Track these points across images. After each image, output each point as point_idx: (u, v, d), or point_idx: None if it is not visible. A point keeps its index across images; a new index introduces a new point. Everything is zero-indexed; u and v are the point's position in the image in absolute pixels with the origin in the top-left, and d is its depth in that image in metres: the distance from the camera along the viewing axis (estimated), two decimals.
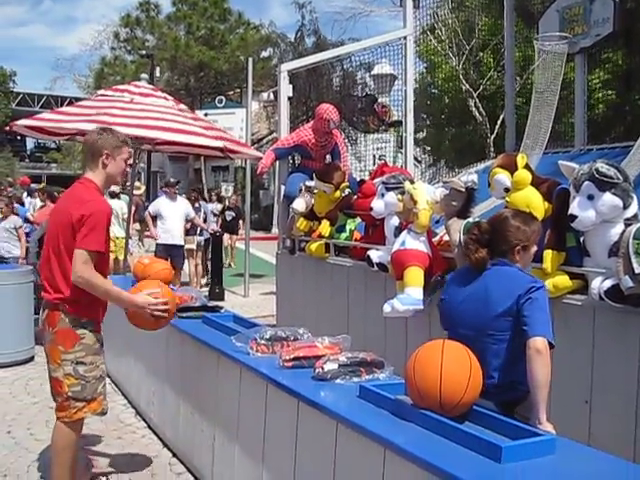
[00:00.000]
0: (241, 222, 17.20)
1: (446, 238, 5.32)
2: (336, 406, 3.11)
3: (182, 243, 11.99)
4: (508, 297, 3.24)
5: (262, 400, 3.76)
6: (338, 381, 3.39)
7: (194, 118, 8.92)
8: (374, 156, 12.93)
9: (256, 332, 4.10)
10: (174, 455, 5.26)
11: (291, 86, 8.69)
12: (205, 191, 21.43)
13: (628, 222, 4.13)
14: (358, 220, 7.03)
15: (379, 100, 10.88)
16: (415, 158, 17.22)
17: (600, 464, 2.54)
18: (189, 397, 4.98)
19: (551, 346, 3.12)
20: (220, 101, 22.99)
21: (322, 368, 3.44)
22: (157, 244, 11.94)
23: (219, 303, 12.54)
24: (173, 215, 11.79)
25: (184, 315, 5.20)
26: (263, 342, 3.98)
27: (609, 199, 4.09)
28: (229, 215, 17.11)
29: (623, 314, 4.06)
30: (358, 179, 7.77)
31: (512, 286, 3.27)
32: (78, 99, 26.41)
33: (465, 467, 2.36)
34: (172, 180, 12.97)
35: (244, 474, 3.99)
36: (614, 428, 4.07)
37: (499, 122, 13.80)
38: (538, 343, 3.08)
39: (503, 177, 4.70)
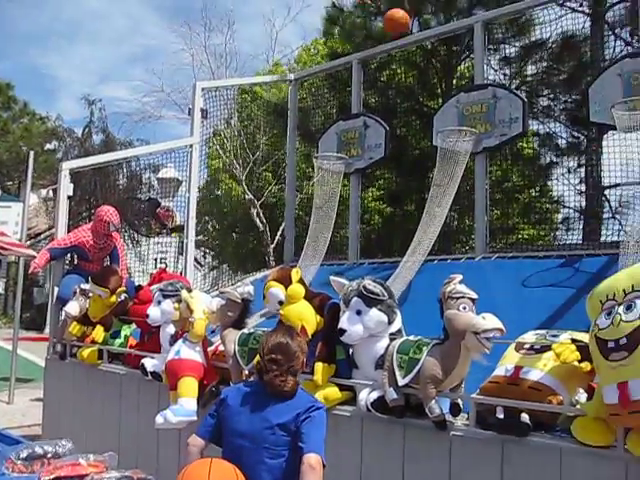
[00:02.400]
0: None
1: (221, 348, 5.32)
2: None
3: None
4: (288, 413, 3.27)
5: None
6: None
7: None
8: (155, 259, 12.77)
9: (12, 450, 3.78)
10: None
11: (72, 185, 8.46)
12: None
13: (393, 337, 4.40)
14: (133, 326, 6.86)
15: (163, 204, 10.89)
16: (197, 261, 17.26)
17: None
18: None
19: (323, 466, 3.18)
20: None
21: None
22: None
23: None
24: None
25: None
26: (20, 461, 3.67)
27: (375, 315, 4.33)
28: None
29: (388, 423, 4.25)
30: (137, 283, 7.61)
31: (293, 403, 3.31)
32: None
33: None
34: None
35: None
36: None
37: (280, 232, 14.25)
38: (312, 459, 3.12)
39: (277, 291, 4.84)
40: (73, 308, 7.11)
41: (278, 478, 3.24)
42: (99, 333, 6.87)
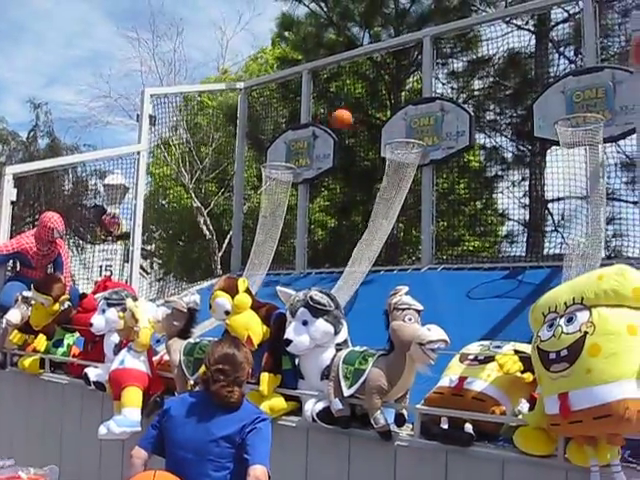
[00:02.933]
0: None
1: (167, 358, 5.26)
2: None
3: None
4: (233, 425, 3.24)
5: None
6: None
7: None
8: (101, 267, 12.56)
9: None
10: None
11: (15, 190, 8.28)
12: None
13: (339, 347, 4.41)
14: (77, 335, 6.73)
15: (109, 210, 10.73)
16: (143, 269, 17.01)
17: None
18: None
19: (269, 477, 3.17)
20: None
21: None
22: None
23: None
24: None
25: None
26: None
27: (322, 325, 4.34)
28: None
29: (334, 434, 4.26)
30: (81, 291, 7.47)
31: (239, 415, 3.29)
32: None
33: None
34: None
35: None
36: None
37: (227, 240, 14.16)
38: (258, 471, 3.11)
39: (224, 300, 4.81)
40: (14, 316, 6.94)
41: None
42: (41, 342, 6.72)
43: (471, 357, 4.21)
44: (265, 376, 4.53)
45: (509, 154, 11.55)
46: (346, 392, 4.12)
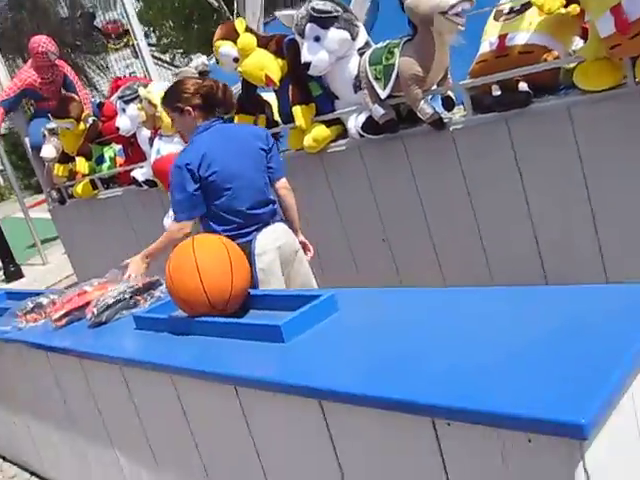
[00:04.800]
0: None
1: None
2: (114, 349, 2.74)
3: None
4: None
5: (48, 370, 3.34)
6: (116, 320, 3.02)
7: None
8: (124, 76, 12.22)
9: (23, 302, 3.63)
10: (4, 459, 4.76)
11: None
12: None
13: (362, 51, 4.00)
14: (114, 146, 6.55)
15: (98, 16, 10.08)
16: (167, 62, 16.51)
17: (389, 300, 2.36)
18: None
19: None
20: None
21: (93, 313, 3.03)
22: None
23: (21, 280, 11.82)
24: None
25: None
26: (29, 314, 3.52)
27: (335, 34, 3.90)
28: None
29: (386, 142, 3.99)
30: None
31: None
32: None
33: (251, 362, 2.13)
34: None
35: (63, 448, 3.62)
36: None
37: (235, 7, 13.37)
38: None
39: (227, 48, 4.39)
40: (48, 151, 6.78)
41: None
42: (82, 164, 6.56)
43: (506, 11, 3.72)
44: (297, 109, 4.20)
45: None
46: (382, 94, 3.77)
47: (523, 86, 3.49)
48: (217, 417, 2.25)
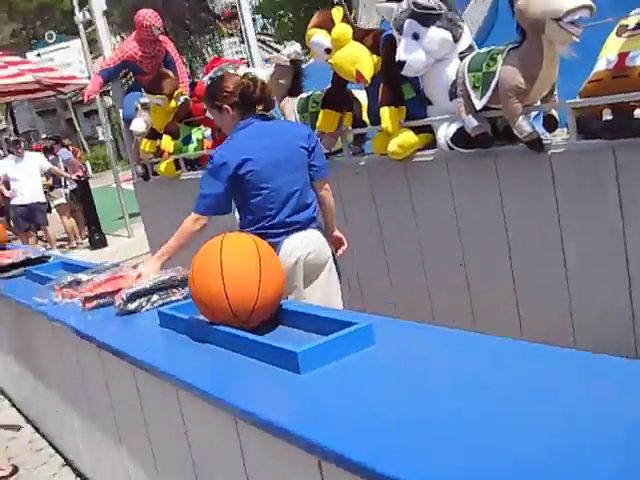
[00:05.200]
0: None
1: None
2: (132, 346, 2.49)
3: (42, 200, 11.13)
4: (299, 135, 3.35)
5: (73, 350, 3.19)
6: (145, 310, 2.82)
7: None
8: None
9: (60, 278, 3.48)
10: (37, 431, 4.67)
11: None
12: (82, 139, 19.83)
13: (463, 56, 3.64)
14: (204, 128, 6.41)
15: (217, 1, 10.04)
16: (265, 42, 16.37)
17: (433, 341, 2.00)
18: (28, 364, 4.33)
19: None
20: (50, 37, 19.80)
21: (122, 300, 2.83)
22: (14, 206, 10.98)
23: (104, 249, 12.00)
24: (22, 174, 10.85)
25: (5, 275, 4.53)
26: (66, 288, 3.34)
27: (435, 33, 3.56)
28: None
29: (476, 158, 3.63)
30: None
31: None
32: None
33: (256, 393, 1.86)
34: (12, 138, 12.06)
35: (86, 428, 3.44)
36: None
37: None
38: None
39: (320, 37, 4.09)
40: (138, 125, 6.67)
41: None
42: (167, 142, 6.43)
43: (632, 27, 3.29)
44: (386, 110, 3.87)
45: None
46: (478, 104, 3.41)
47: (638, 113, 3.07)
48: (215, 441, 2.01)
